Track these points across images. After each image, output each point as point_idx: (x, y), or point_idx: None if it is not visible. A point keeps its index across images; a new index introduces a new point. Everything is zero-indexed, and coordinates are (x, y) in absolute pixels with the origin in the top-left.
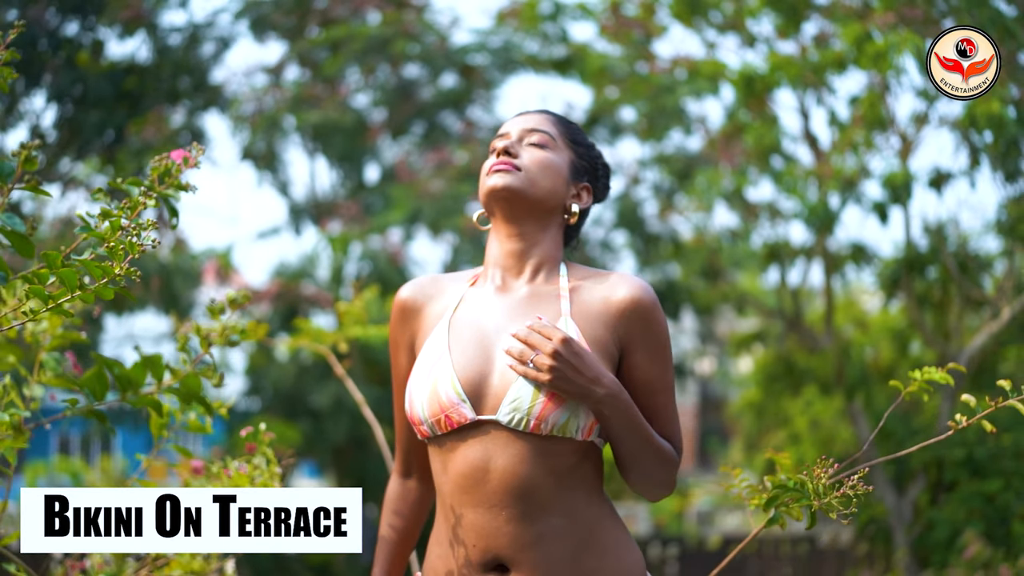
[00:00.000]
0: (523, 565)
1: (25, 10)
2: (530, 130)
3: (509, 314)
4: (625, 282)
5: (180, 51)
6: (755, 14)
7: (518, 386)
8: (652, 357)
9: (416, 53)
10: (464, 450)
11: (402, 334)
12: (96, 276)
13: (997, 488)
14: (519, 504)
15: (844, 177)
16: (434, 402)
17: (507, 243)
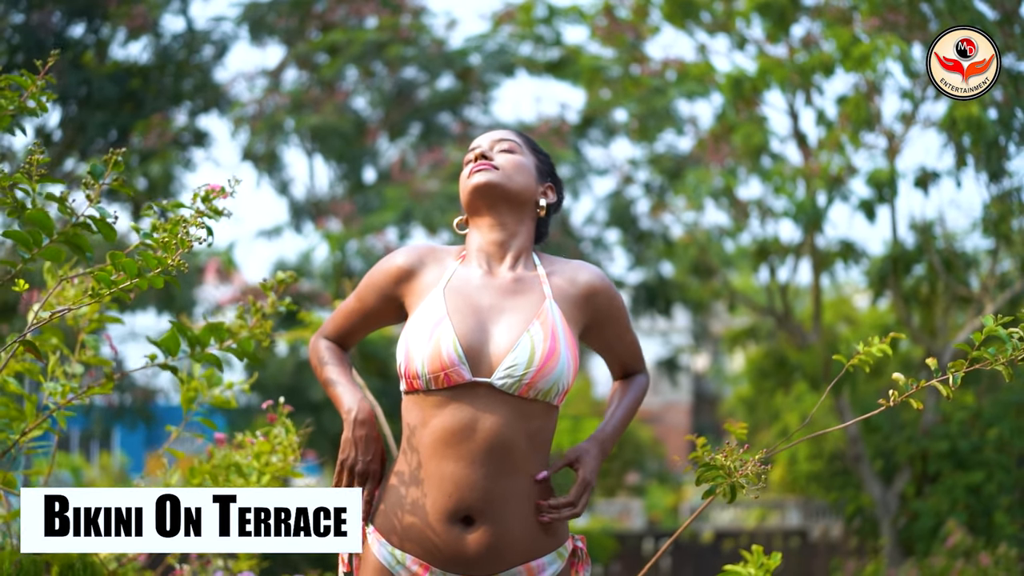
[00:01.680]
0: (488, 518)
1: (32, 12)
2: (498, 140)
3: (501, 294)
4: (586, 271)
5: (181, 53)
6: (745, 17)
7: (514, 355)
8: (618, 324)
9: (413, 56)
10: (453, 408)
11: (390, 288)
12: (151, 266)
13: (980, 480)
14: (497, 461)
15: (831, 175)
16: (435, 360)
17: (489, 233)
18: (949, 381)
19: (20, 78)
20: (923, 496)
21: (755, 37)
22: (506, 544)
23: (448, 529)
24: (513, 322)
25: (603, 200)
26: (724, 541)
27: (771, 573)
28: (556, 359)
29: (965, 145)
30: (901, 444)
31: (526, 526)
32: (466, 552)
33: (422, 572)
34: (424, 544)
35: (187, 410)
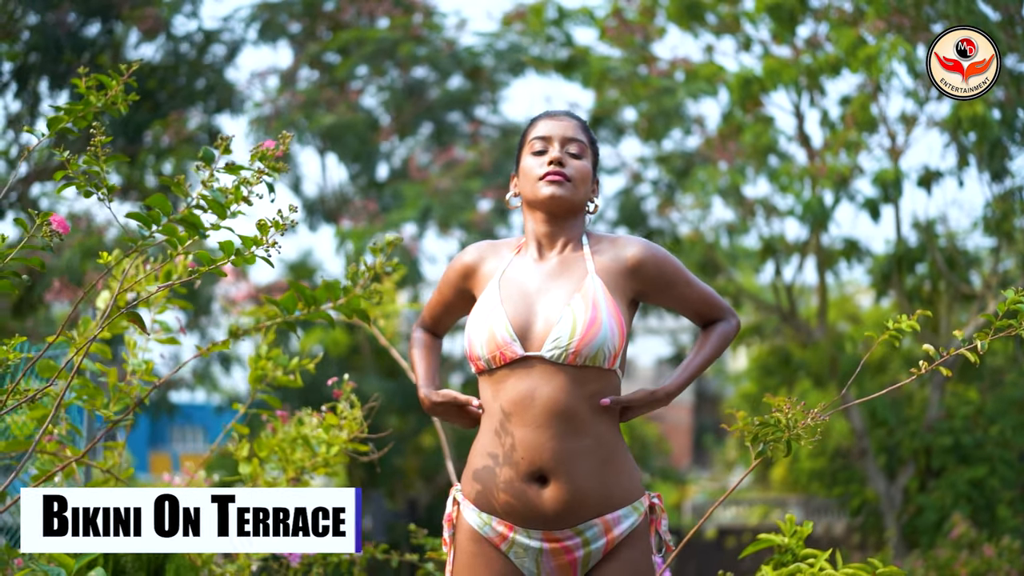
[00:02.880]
0: (560, 475)
1: (47, 12)
2: (570, 139)
3: (547, 277)
4: (630, 244)
5: (193, 54)
6: (753, 20)
7: (559, 328)
8: (676, 285)
9: (425, 55)
10: (514, 381)
11: (460, 282)
12: (247, 245)
13: (983, 474)
14: (559, 425)
15: (837, 175)
16: (491, 342)
17: (543, 226)
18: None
19: (105, 78)
20: (927, 491)
21: (761, 38)
22: (579, 499)
23: (525, 489)
24: (556, 299)
25: (612, 198)
26: (727, 538)
27: (803, 540)
28: (598, 327)
29: (967, 145)
30: (905, 439)
31: (598, 482)
32: (543, 508)
33: (507, 531)
34: (505, 505)
35: (254, 389)
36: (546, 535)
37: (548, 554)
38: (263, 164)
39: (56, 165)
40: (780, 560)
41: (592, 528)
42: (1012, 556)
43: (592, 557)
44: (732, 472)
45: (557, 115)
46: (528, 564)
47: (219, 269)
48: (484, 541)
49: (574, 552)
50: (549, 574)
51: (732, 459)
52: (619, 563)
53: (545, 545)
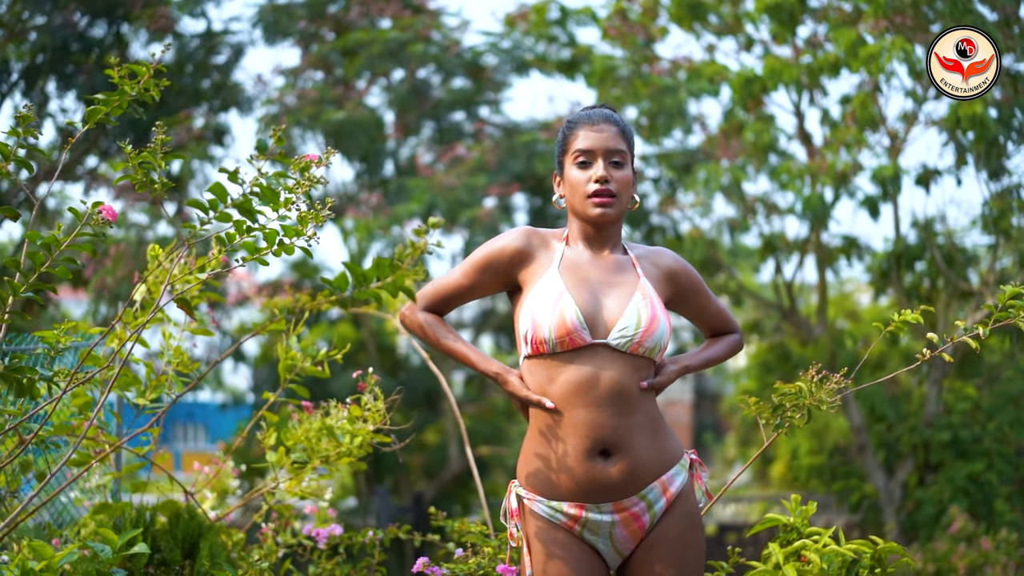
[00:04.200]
0: (622, 449)
1: (54, 13)
2: (612, 150)
3: (606, 272)
4: (665, 255)
5: (199, 54)
6: (754, 20)
7: (625, 320)
8: (700, 295)
9: (432, 55)
10: (577, 365)
11: (505, 267)
12: (289, 235)
13: (980, 469)
14: (619, 404)
15: (837, 172)
16: (561, 327)
17: (591, 230)
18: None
19: (137, 67)
20: (925, 485)
21: (762, 38)
22: (639, 467)
23: (592, 465)
24: (620, 294)
25: None
26: (727, 535)
27: (808, 518)
28: (658, 323)
29: (965, 143)
30: (904, 434)
31: (652, 451)
32: (611, 480)
33: (579, 512)
34: (573, 486)
35: (284, 378)
36: (616, 506)
37: (620, 524)
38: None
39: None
40: (786, 538)
41: (653, 490)
42: (1009, 548)
43: (656, 517)
44: (731, 469)
45: (597, 122)
46: (602, 541)
47: (262, 259)
48: (557, 528)
49: (642, 517)
50: (621, 543)
51: (731, 456)
52: (677, 516)
53: (616, 517)
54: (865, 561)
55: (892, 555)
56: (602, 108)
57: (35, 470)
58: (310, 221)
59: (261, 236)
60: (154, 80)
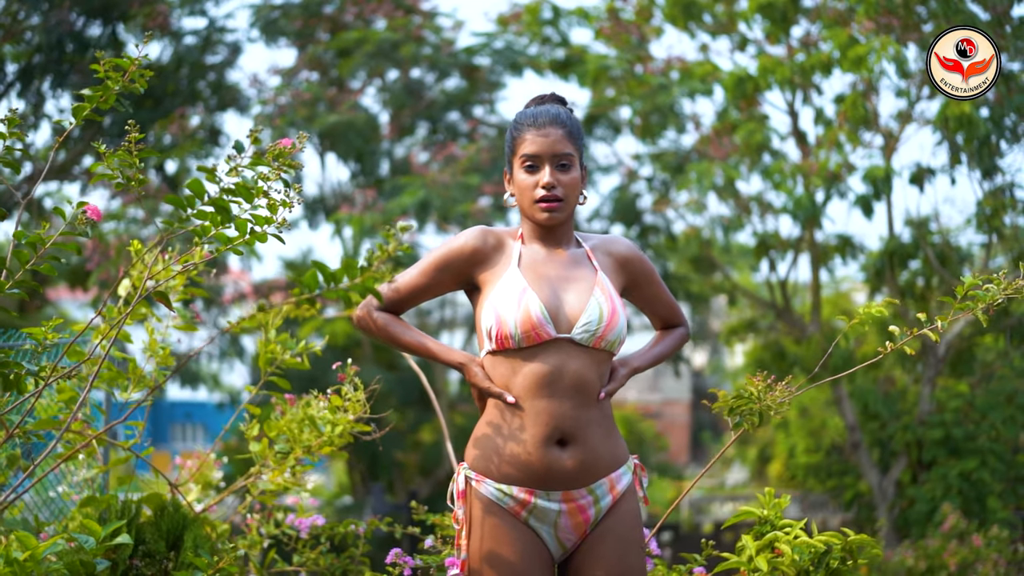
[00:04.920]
0: (579, 439)
1: (50, 12)
2: (558, 154)
3: (563, 268)
4: (618, 243)
5: (196, 53)
6: (747, 19)
7: (588, 315)
8: (652, 284)
9: (425, 55)
10: (542, 358)
11: (463, 266)
12: (259, 224)
13: (973, 466)
14: (580, 396)
15: (829, 172)
16: (527, 322)
17: (541, 230)
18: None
19: (122, 60)
20: (919, 483)
21: (756, 38)
22: (593, 459)
23: (548, 452)
24: (580, 289)
25: (608, 195)
26: (725, 533)
27: (782, 511)
28: (618, 317)
29: (959, 142)
30: (898, 432)
31: (605, 447)
32: (565, 469)
33: (528, 497)
34: (527, 471)
35: (264, 371)
36: (565, 495)
37: (566, 515)
38: (280, 162)
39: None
40: (760, 531)
41: (601, 486)
42: (1000, 545)
43: (600, 513)
44: (730, 469)
45: (543, 126)
46: (546, 529)
47: (236, 248)
48: (504, 512)
49: (588, 510)
50: (565, 534)
51: (730, 455)
52: (621, 515)
53: (564, 506)
54: (836, 552)
55: (862, 547)
56: (550, 106)
57: (21, 464)
58: (279, 208)
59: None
60: (139, 72)
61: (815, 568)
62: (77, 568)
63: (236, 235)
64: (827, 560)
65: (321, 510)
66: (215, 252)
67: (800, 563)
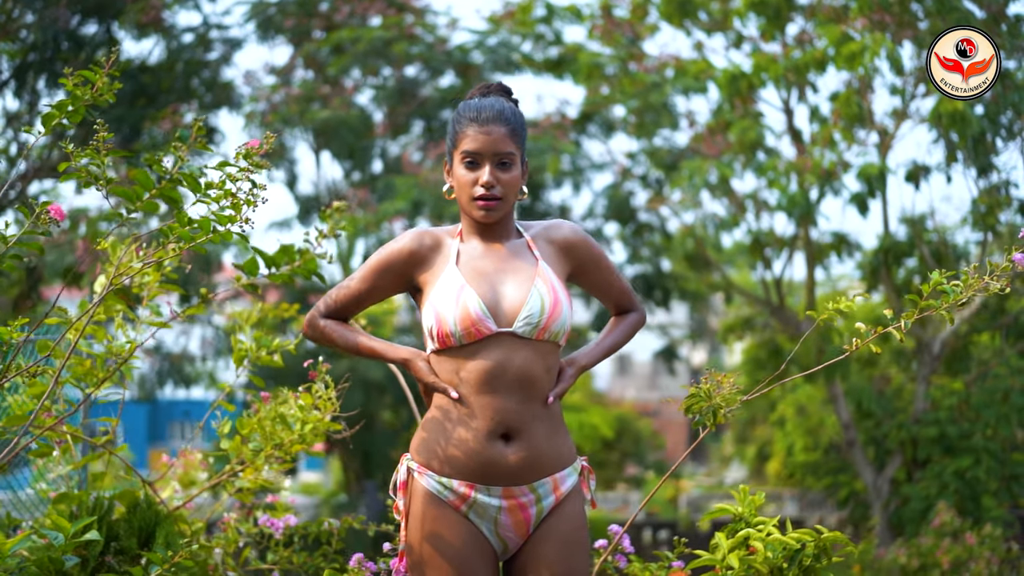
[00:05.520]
0: (523, 435)
1: (45, 11)
2: (500, 153)
3: (502, 261)
4: (560, 228)
5: (192, 51)
6: (742, 16)
7: (528, 307)
8: (601, 267)
9: (418, 53)
10: (485, 354)
11: (402, 268)
12: (222, 222)
13: (968, 464)
14: (526, 391)
15: (823, 170)
16: (466, 319)
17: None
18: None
19: (90, 73)
20: (913, 481)
21: (751, 35)
22: (536, 456)
23: (491, 446)
24: (519, 281)
25: (601, 193)
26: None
27: (756, 509)
28: (560, 307)
29: (955, 140)
30: (892, 431)
31: (549, 445)
32: (507, 464)
33: (468, 492)
34: (469, 465)
35: (238, 368)
36: (505, 492)
37: (506, 512)
38: (249, 162)
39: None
40: (734, 528)
41: (544, 485)
42: (994, 543)
43: (542, 513)
44: (728, 467)
45: (486, 123)
46: (486, 525)
47: (200, 247)
48: (444, 504)
49: (529, 509)
50: (505, 531)
51: (728, 454)
52: (565, 516)
53: (504, 503)
54: (808, 550)
55: (836, 544)
56: (494, 100)
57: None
58: (243, 206)
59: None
60: (107, 83)
61: (789, 566)
62: (46, 564)
63: (199, 233)
64: (800, 558)
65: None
66: (177, 250)
67: (773, 560)
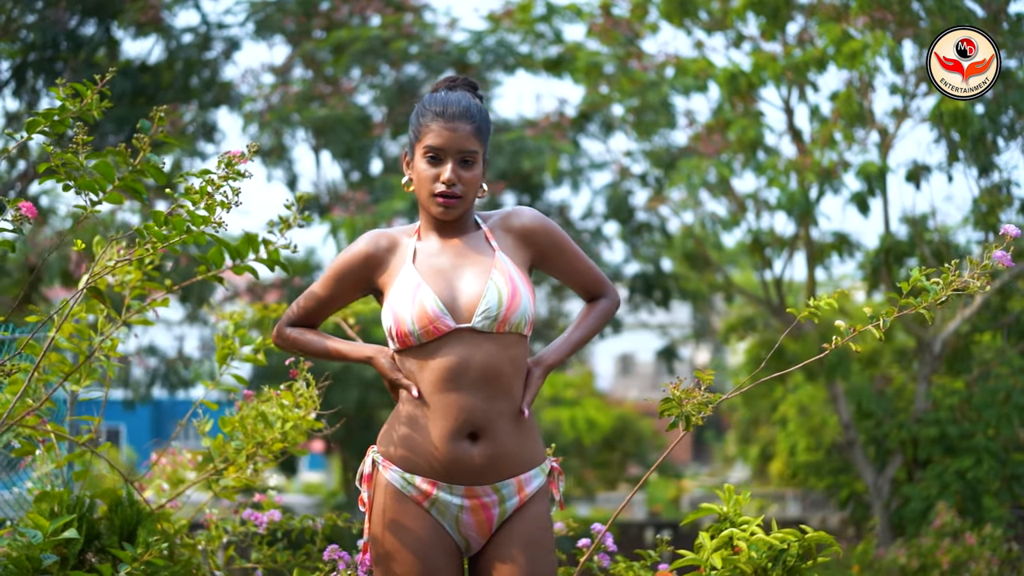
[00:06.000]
0: (489, 434)
1: (44, 11)
2: (463, 151)
3: (458, 256)
4: (518, 215)
5: (191, 51)
6: (741, 15)
7: (486, 301)
8: (564, 253)
9: (416, 53)
10: (446, 351)
11: (360, 272)
12: (197, 223)
13: (969, 464)
14: (490, 387)
15: (822, 168)
16: (423, 317)
17: (438, 221)
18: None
19: (80, 86)
20: (914, 481)
21: (751, 34)
22: (502, 456)
23: (456, 445)
24: (476, 274)
25: (600, 191)
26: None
27: (740, 508)
28: (519, 298)
29: (956, 139)
30: (893, 430)
31: (516, 442)
32: (472, 463)
33: (430, 489)
34: (431, 463)
35: (221, 366)
36: (468, 491)
37: (468, 511)
38: (229, 169)
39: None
40: (719, 528)
41: (508, 487)
42: (994, 544)
43: (506, 514)
44: (732, 468)
45: (452, 119)
46: (448, 523)
47: (173, 247)
48: (407, 499)
49: (491, 509)
50: (467, 530)
51: (732, 454)
52: (530, 518)
53: (466, 502)
54: (792, 550)
55: (821, 544)
56: (461, 95)
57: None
58: (217, 208)
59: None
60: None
61: (773, 566)
62: (23, 562)
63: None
64: (784, 558)
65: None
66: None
67: (757, 560)
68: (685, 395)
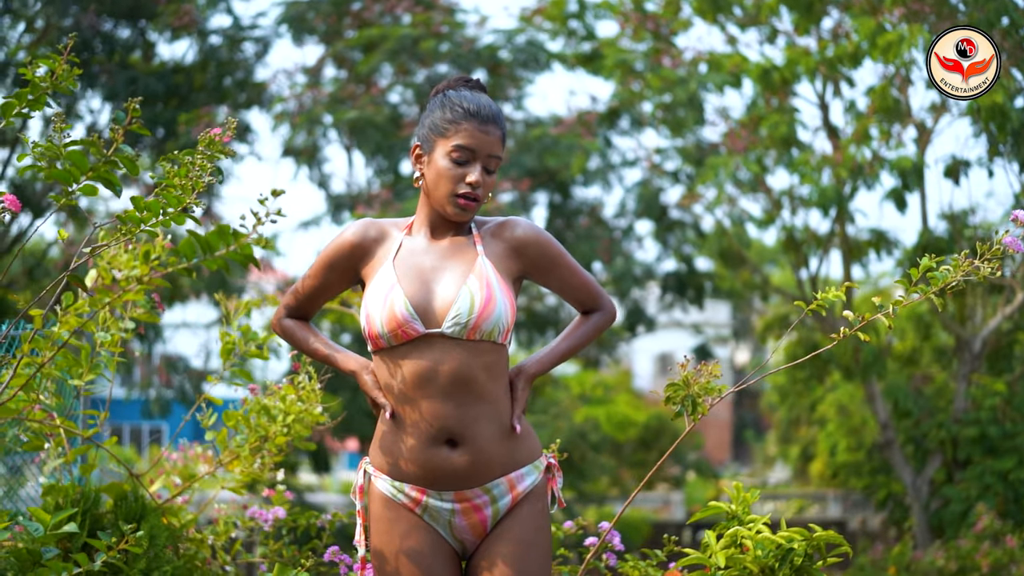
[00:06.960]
0: (468, 439)
1: (81, 16)
2: (492, 156)
3: (440, 257)
4: (515, 226)
5: (224, 52)
6: (774, 10)
7: (457, 306)
8: (560, 267)
9: (446, 51)
10: (417, 356)
11: (345, 262)
12: (173, 204)
13: (1010, 465)
14: (463, 394)
15: (855, 164)
16: (392, 320)
17: (440, 220)
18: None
19: (47, 60)
20: (954, 482)
21: (785, 29)
22: (485, 459)
23: (436, 453)
24: (452, 278)
25: (631, 189)
26: None
27: (749, 506)
28: (493, 305)
29: (995, 133)
30: (932, 430)
31: (499, 443)
32: (455, 468)
33: (420, 496)
34: (418, 471)
35: (226, 361)
36: (457, 495)
37: (460, 514)
38: (211, 149)
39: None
40: (725, 527)
41: (499, 486)
42: None
43: (499, 513)
44: (772, 468)
45: (487, 121)
46: (441, 528)
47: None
48: (399, 507)
49: (483, 510)
50: (461, 532)
51: (772, 454)
52: (522, 517)
53: (456, 506)
54: (799, 550)
55: (830, 544)
56: (487, 99)
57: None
58: (192, 191)
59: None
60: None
61: (780, 565)
62: (23, 555)
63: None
64: (791, 557)
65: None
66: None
67: (764, 559)
68: (692, 376)
